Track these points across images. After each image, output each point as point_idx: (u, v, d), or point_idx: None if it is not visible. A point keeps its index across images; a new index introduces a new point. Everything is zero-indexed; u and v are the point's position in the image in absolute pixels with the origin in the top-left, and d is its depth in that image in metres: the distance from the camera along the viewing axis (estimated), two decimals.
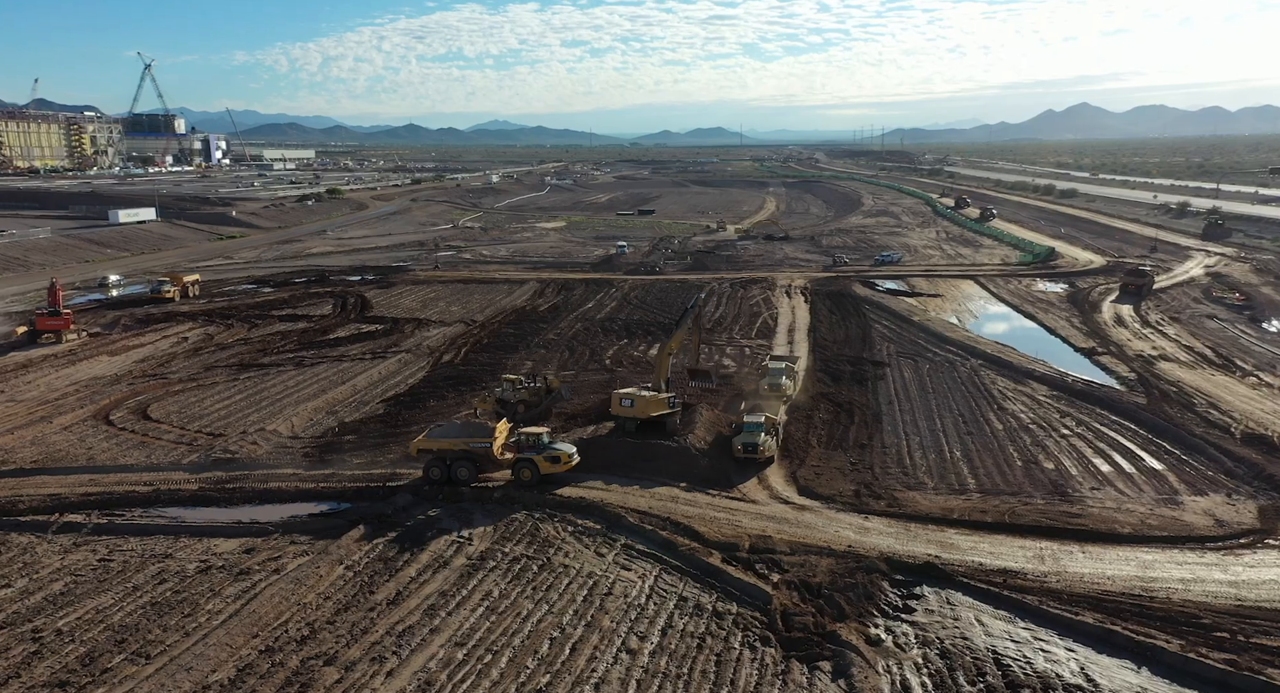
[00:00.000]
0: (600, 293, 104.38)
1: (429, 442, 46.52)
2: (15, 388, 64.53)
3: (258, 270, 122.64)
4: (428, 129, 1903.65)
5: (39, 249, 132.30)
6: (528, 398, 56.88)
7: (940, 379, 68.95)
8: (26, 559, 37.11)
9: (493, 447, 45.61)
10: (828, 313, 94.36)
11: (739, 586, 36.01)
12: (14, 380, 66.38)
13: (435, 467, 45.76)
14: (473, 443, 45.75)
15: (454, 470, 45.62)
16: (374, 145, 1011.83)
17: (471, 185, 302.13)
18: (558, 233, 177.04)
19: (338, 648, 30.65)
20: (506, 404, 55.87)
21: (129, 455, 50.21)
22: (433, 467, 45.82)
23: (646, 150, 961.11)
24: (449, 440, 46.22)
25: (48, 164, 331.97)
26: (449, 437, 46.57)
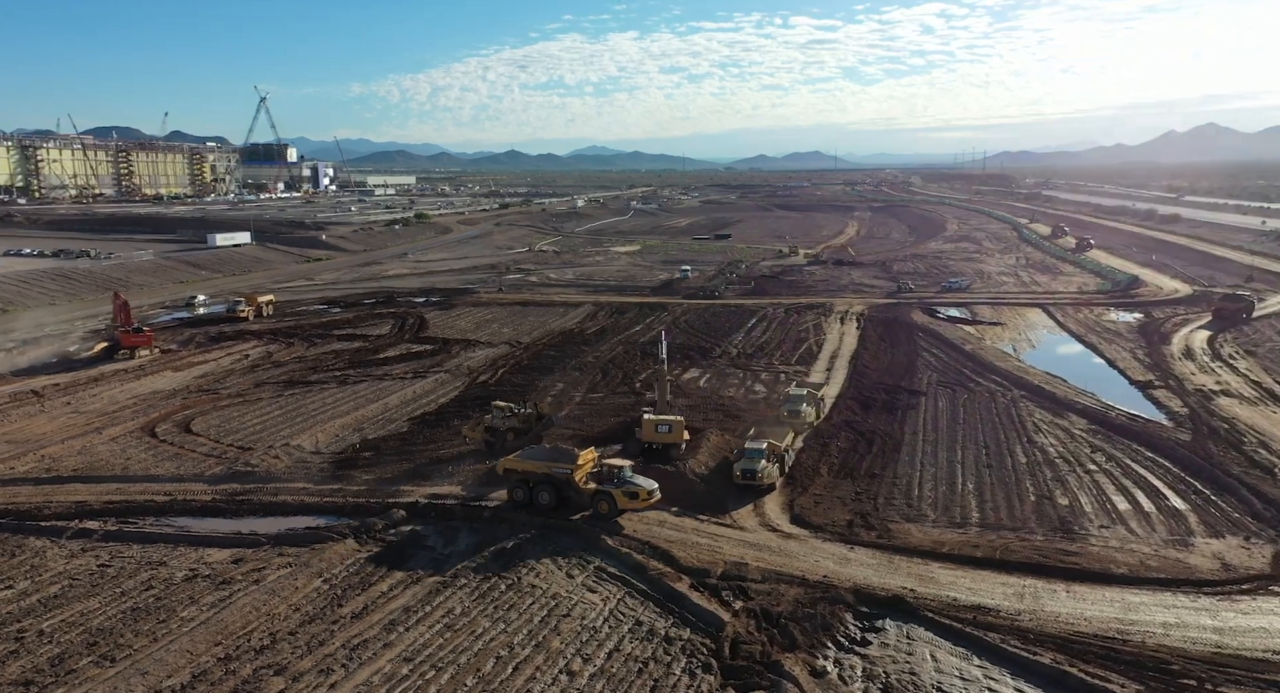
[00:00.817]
0: (651, 317, 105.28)
1: (516, 462, 46.66)
2: (81, 400, 69.22)
3: (332, 292, 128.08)
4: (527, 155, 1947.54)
5: (140, 271, 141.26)
6: (518, 425, 56.99)
7: (975, 410, 67.21)
8: (34, 562, 39.76)
9: (574, 474, 45.02)
10: (877, 340, 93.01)
11: (697, 612, 36.03)
12: (82, 393, 71.21)
13: (519, 489, 45.92)
14: (554, 469, 45.40)
15: (536, 495, 45.60)
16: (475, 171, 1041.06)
17: (556, 210, 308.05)
18: (629, 257, 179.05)
19: (291, 659, 31.94)
20: (496, 432, 56.07)
21: (160, 466, 53.32)
22: (516, 488, 46.00)
23: (739, 174, 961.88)
24: (534, 463, 46.11)
25: (171, 191, 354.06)
26: (535, 460, 46.52)
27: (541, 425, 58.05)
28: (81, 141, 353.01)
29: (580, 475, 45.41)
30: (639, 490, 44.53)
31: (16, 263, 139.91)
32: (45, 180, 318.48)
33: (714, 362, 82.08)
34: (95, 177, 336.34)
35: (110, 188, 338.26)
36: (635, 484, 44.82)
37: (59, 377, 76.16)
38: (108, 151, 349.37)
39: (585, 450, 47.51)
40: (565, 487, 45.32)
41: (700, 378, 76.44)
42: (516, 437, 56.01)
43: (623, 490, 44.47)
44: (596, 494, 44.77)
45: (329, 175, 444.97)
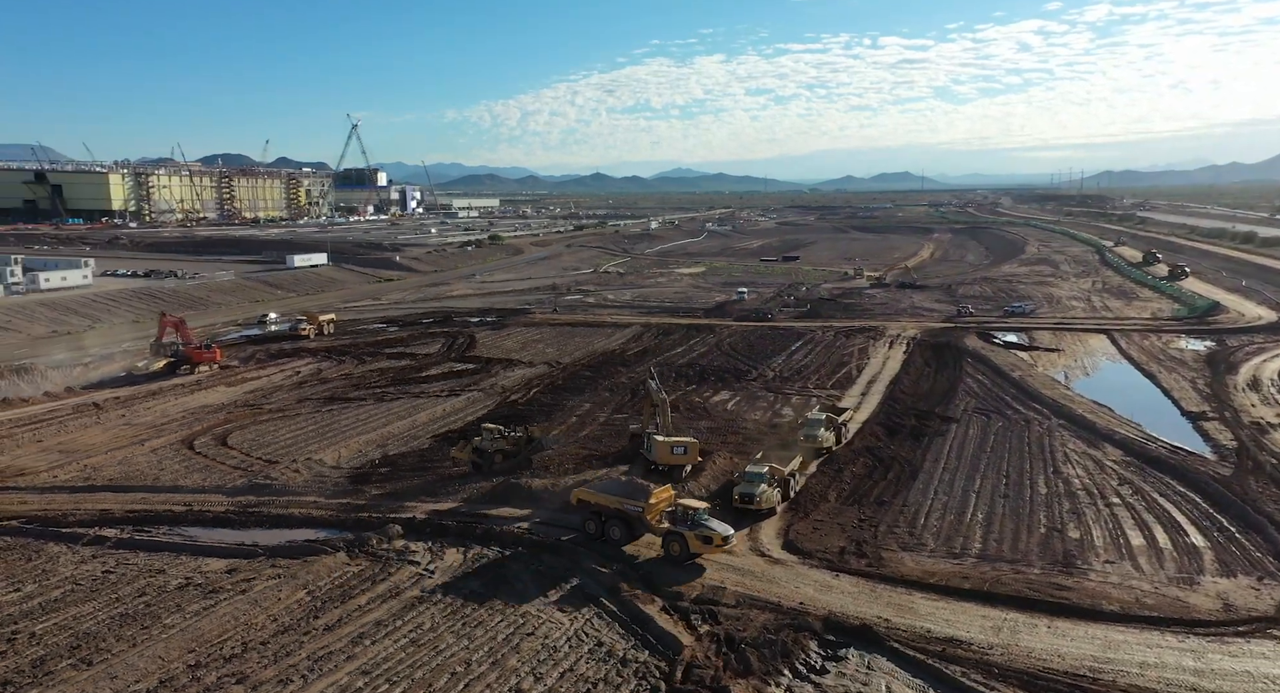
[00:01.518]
0: (696, 338, 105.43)
1: (589, 494, 45.64)
2: (135, 412, 73.10)
3: (395, 311, 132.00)
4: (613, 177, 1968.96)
5: (220, 290, 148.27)
6: (506, 447, 57.34)
7: (1006, 438, 65.44)
8: (46, 567, 42.09)
9: (646, 511, 43.66)
10: (922, 365, 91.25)
11: (659, 635, 36.09)
12: (138, 405, 75.21)
13: (591, 521, 44.87)
14: (626, 504, 44.11)
15: (608, 529, 44.49)
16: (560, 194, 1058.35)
17: (630, 232, 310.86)
18: (691, 279, 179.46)
19: (255, 668, 33.15)
20: (484, 453, 56.48)
21: (188, 478, 55.96)
22: (589, 521, 44.96)
23: (823, 196, 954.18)
24: (606, 496, 44.98)
25: (268, 215, 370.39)
26: (608, 493, 45.36)
27: (531, 448, 58.25)
28: (189, 168, 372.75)
29: (653, 513, 43.93)
30: (713, 535, 42.34)
31: (110, 283, 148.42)
32: (155, 205, 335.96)
33: (747, 384, 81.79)
34: (200, 201, 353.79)
35: (213, 212, 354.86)
36: (710, 528, 42.70)
37: (122, 390, 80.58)
38: (211, 178, 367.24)
39: (660, 487, 45.88)
40: (637, 524, 44.04)
41: (729, 400, 76.28)
42: (505, 458, 56.54)
43: (696, 534, 42.39)
44: (669, 535, 42.97)
45: (416, 198, 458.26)
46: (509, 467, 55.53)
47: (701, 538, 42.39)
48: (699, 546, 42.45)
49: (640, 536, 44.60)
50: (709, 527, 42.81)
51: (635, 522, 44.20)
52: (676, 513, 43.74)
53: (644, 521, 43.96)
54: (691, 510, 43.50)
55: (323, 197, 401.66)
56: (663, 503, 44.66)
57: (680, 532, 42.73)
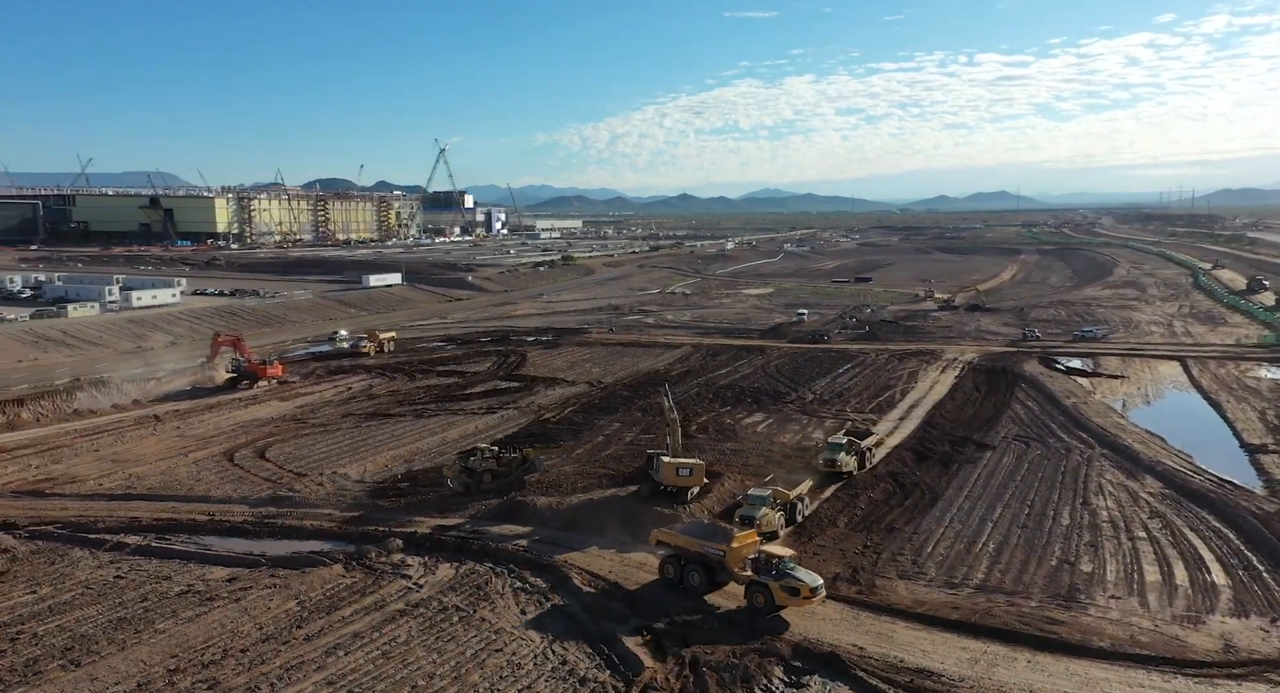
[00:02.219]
0: (744, 360, 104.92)
1: (668, 535, 43.17)
2: (190, 424, 76.80)
3: (456, 330, 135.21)
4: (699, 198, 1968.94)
5: (297, 308, 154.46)
6: (496, 467, 57.72)
7: (1040, 467, 63.32)
8: (65, 571, 44.43)
9: (727, 556, 40.82)
10: (971, 389, 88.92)
11: (624, 655, 36.16)
12: (194, 418, 78.97)
13: (670, 564, 42.37)
14: (707, 547, 41.36)
15: (687, 574, 41.82)
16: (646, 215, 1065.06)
17: (705, 252, 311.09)
18: (757, 299, 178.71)
19: (229, 675, 34.37)
20: (473, 473, 57.01)
21: (219, 488, 58.50)
22: (668, 564, 42.47)
23: (912, 216, 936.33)
24: (686, 538, 42.37)
25: (360, 236, 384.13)
26: (688, 535, 42.78)
27: (524, 470, 58.52)
28: (287, 192, 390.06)
29: (735, 559, 40.98)
30: (800, 586, 38.97)
31: (198, 301, 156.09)
32: (256, 227, 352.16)
33: (783, 407, 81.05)
34: (298, 223, 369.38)
35: (309, 234, 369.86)
36: (797, 578, 39.39)
37: (184, 403, 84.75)
38: (308, 201, 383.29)
39: (744, 531, 43.12)
40: (719, 569, 41.25)
41: (761, 422, 75.74)
42: (494, 479, 57.07)
43: (782, 584, 39.09)
44: (753, 585, 39.93)
45: (501, 220, 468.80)
46: (498, 487, 56.12)
47: (787, 589, 39.03)
48: (785, 597, 39.05)
49: (723, 583, 41.50)
50: (796, 577, 39.48)
51: (716, 567, 41.19)
52: (760, 560, 40.58)
53: (726, 566, 40.97)
54: (776, 559, 40.14)
55: (411, 219, 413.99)
56: (746, 548, 41.53)
57: (765, 582, 39.42)
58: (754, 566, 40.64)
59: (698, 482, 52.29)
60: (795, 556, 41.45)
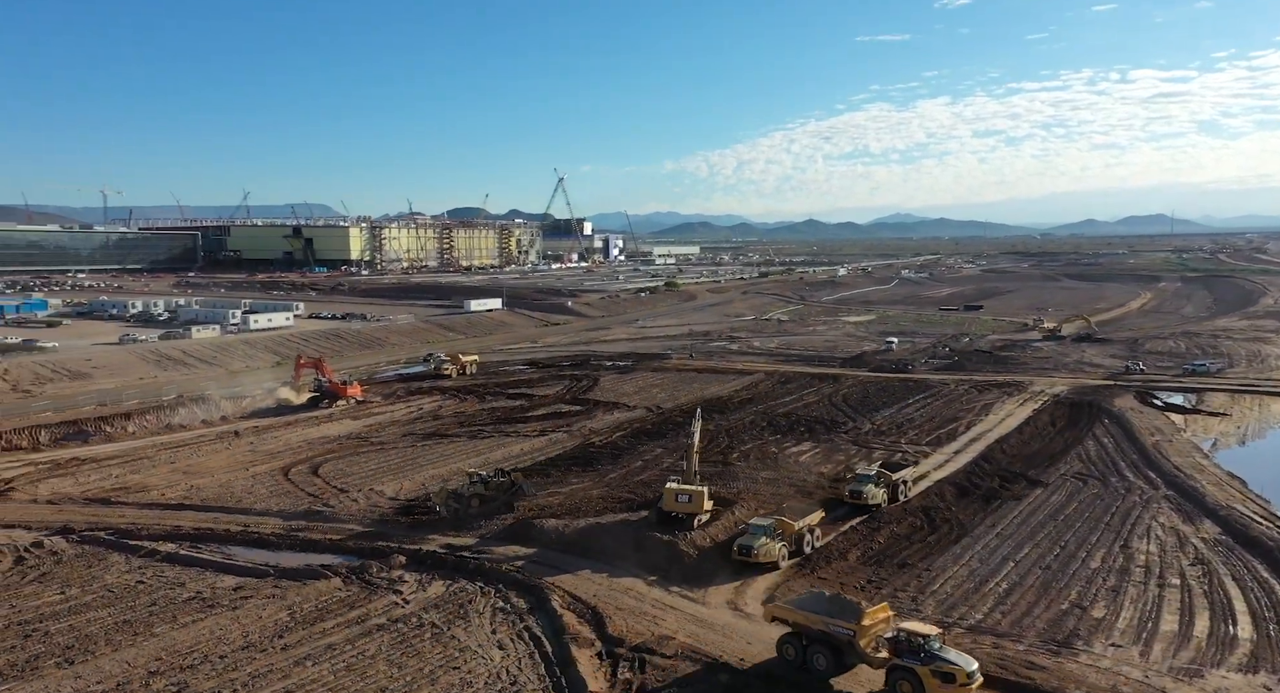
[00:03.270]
0: (813, 388, 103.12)
1: (785, 610, 38.21)
2: (264, 440, 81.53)
3: (542, 354, 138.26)
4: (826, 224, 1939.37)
5: (398, 332, 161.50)
6: (483, 492, 58.15)
7: (1089, 507, 59.95)
8: (96, 574, 47.72)
9: (858, 635, 35.85)
10: (1045, 424, 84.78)
11: (573, 679, 36.36)
12: (269, 434, 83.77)
13: (789, 644, 37.39)
14: (832, 625, 36.32)
15: (810, 656, 36.71)
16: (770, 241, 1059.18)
17: (815, 278, 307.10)
18: (854, 327, 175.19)
19: (199, 679, 36.22)
20: (460, 497, 57.65)
21: (264, 501, 61.81)
22: (786, 643, 37.52)
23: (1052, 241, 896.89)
24: (806, 615, 37.29)
25: (482, 263, 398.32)
26: (809, 610, 37.50)
27: (511, 494, 58.84)
28: (415, 221, 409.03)
29: (867, 638, 36.09)
30: (955, 671, 33.98)
31: (310, 324, 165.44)
32: (385, 255, 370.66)
33: (835, 437, 79.32)
34: (424, 251, 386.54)
35: (434, 260, 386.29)
36: (949, 661, 34.44)
37: (265, 420, 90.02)
38: (435, 229, 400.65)
39: (875, 606, 37.92)
40: (848, 651, 36.18)
41: (807, 452, 74.38)
42: (482, 503, 57.70)
43: (932, 669, 34.15)
44: (894, 670, 35.02)
45: (618, 246, 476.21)
46: (486, 511, 56.84)
47: (939, 675, 33.95)
48: (937, 686, 33.97)
49: (852, 666, 36.59)
50: (947, 659, 34.47)
51: (845, 648, 36.14)
52: (900, 640, 35.52)
53: (856, 648, 35.94)
54: (920, 638, 35.09)
55: (531, 245, 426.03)
56: (879, 625, 36.76)
57: (912, 667, 34.46)
58: (894, 646, 35.58)
59: (697, 509, 51.90)
60: (941, 634, 36.26)
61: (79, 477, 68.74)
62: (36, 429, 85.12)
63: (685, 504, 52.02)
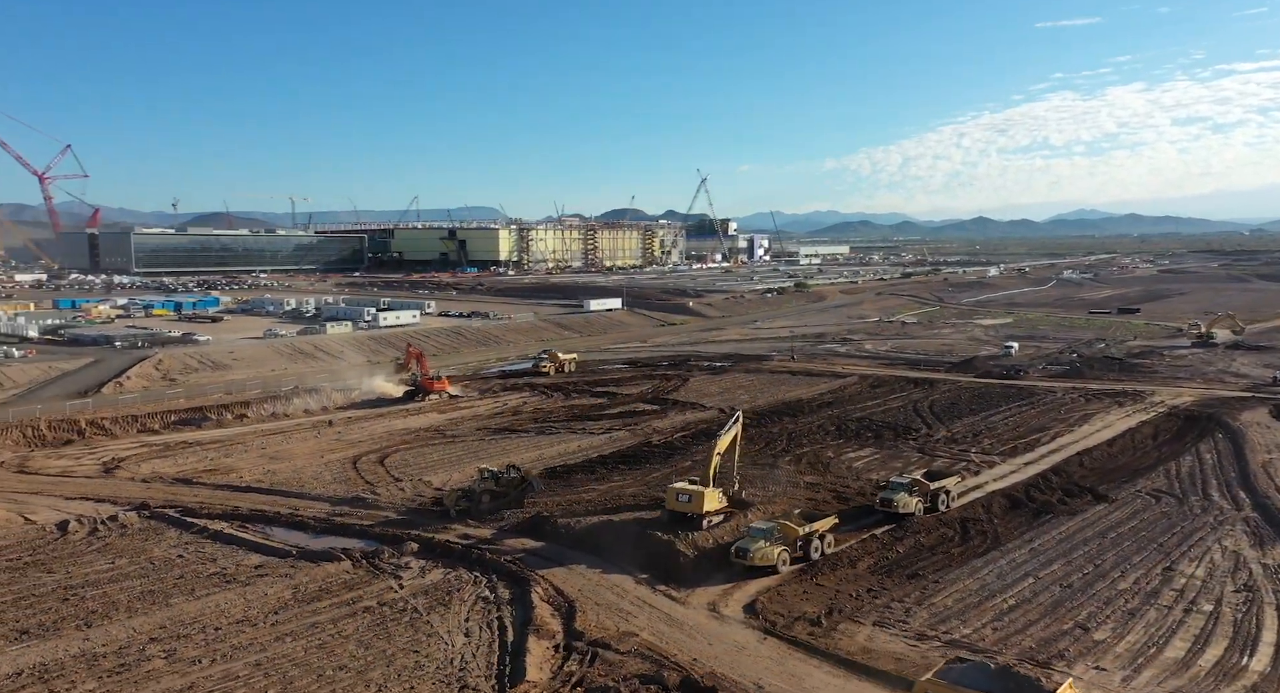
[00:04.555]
0: (903, 393, 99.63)
1: (941, 687, 29.85)
2: (351, 430, 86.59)
3: (646, 353, 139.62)
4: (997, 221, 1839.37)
5: (515, 330, 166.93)
6: (494, 488, 59.05)
7: (1150, 525, 55.86)
8: (146, 547, 52.10)
9: None
10: (1145, 437, 79.09)
11: (518, 667, 37.25)
12: (358, 424, 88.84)
13: None
14: None
15: None
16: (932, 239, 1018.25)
17: (962, 279, 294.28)
18: (983, 330, 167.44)
19: (188, 647, 39.09)
20: (472, 494, 58.61)
21: (324, 487, 65.53)
22: None
23: (1261, 238, 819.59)
24: None
25: (624, 263, 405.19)
26: (971, 686, 29.31)
27: (521, 491, 59.68)
28: (562, 223, 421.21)
29: None
30: None
31: (434, 321, 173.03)
32: (532, 256, 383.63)
33: (900, 443, 76.59)
34: (569, 251, 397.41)
35: (578, 261, 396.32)
36: None
37: (361, 411, 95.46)
38: (579, 231, 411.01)
39: (1064, 683, 29.50)
40: None
41: (865, 458, 72.27)
42: (493, 499, 58.77)
43: None
44: None
45: (763, 246, 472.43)
46: (496, 507, 58.02)
47: None
48: None
49: None
50: None
51: None
52: None
53: None
54: None
55: (673, 246, 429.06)
56: None
57: None
58: None
59: (696, 509, 51.52)
60: None
61: (178, 458, 75.44)
62: (167, 414, 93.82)
63: (685, 504, 51.84)
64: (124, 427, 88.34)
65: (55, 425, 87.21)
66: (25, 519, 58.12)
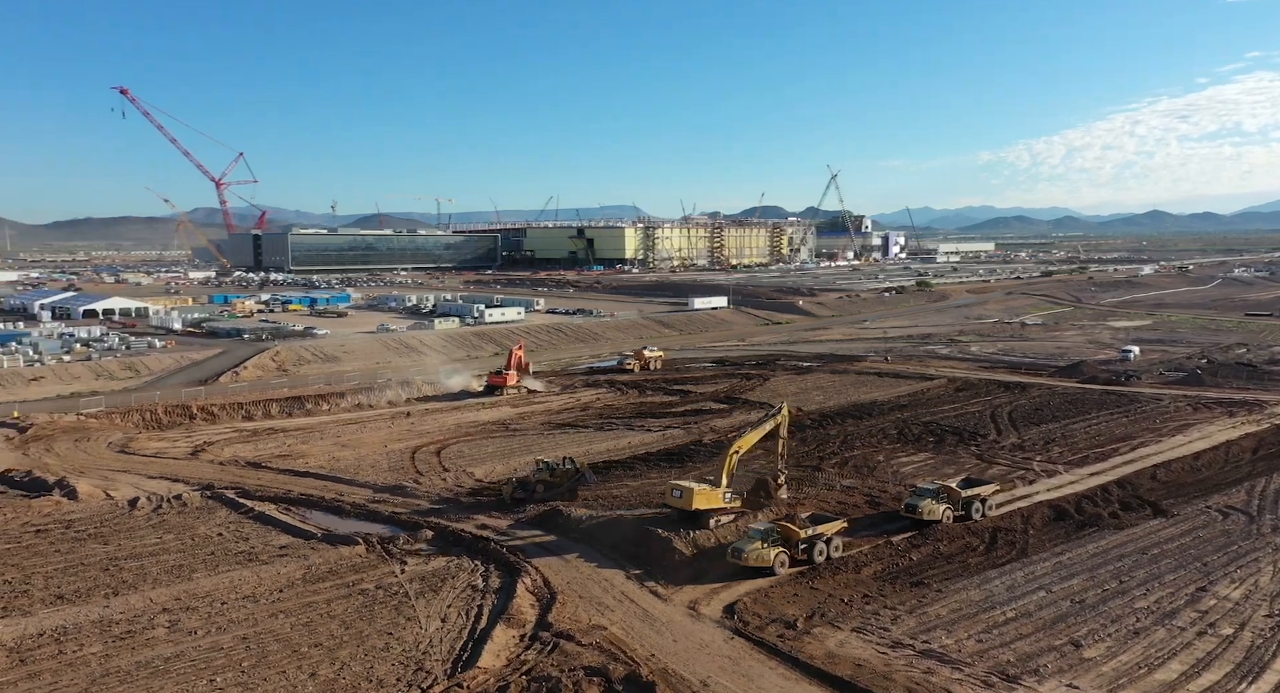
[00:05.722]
0: (987, 398, 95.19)
1: None
2: (424, 421, 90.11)
3: (738, 352, 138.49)
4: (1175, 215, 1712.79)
5: (615, 327, 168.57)
6: (549, 479, 60.18)
7: (1202, 543, 52.46)
8: (194, 525, 55.73)
9: None
10: (1241, 452, 73.61)
11: (474, 655, 38.14)
12: (432, 416, 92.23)
13: None
14: None
15: None
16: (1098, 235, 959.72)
17: (1110, 278, 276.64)
18: (1113, 332, 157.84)
19: (191, 619, 41.87)
20: (526, 485, 59.86)
21: (374, 475, 68.28)
22: None
23: None
24: None
25: (751, 261, 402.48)
26: None
27: (574, 482, 60.47)
28: (689, 221, 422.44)
29: None
30: None
31: (538, 318, 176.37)
32: (658, 254, 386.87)
33: (960, 450, 73.34)
34: (694, 250, 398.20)
35: (704, 259, 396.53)
36: None
37: (441, 404, 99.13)
38: (705, 229, 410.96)
39: None
40: None
41: (917, 463, 69.73)
42: (547, 490, 59.75)
43: None
44: None
45: (899, 244, 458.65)
46: (548, 497, 59.08)
47: None
48: None
49: None
50: None
51: None
52: None
53: None
54: None
55: (802, 243, 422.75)
56: None
57: None
58: None
59: (685, 505, 51.04)
60: None
61: (259, 444, 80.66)
62: (268, 403, 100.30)
63: (677, 500, 51.53)
64: (229, 413, 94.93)
65: (170, 410, 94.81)
66: (106, 495, 63.59)
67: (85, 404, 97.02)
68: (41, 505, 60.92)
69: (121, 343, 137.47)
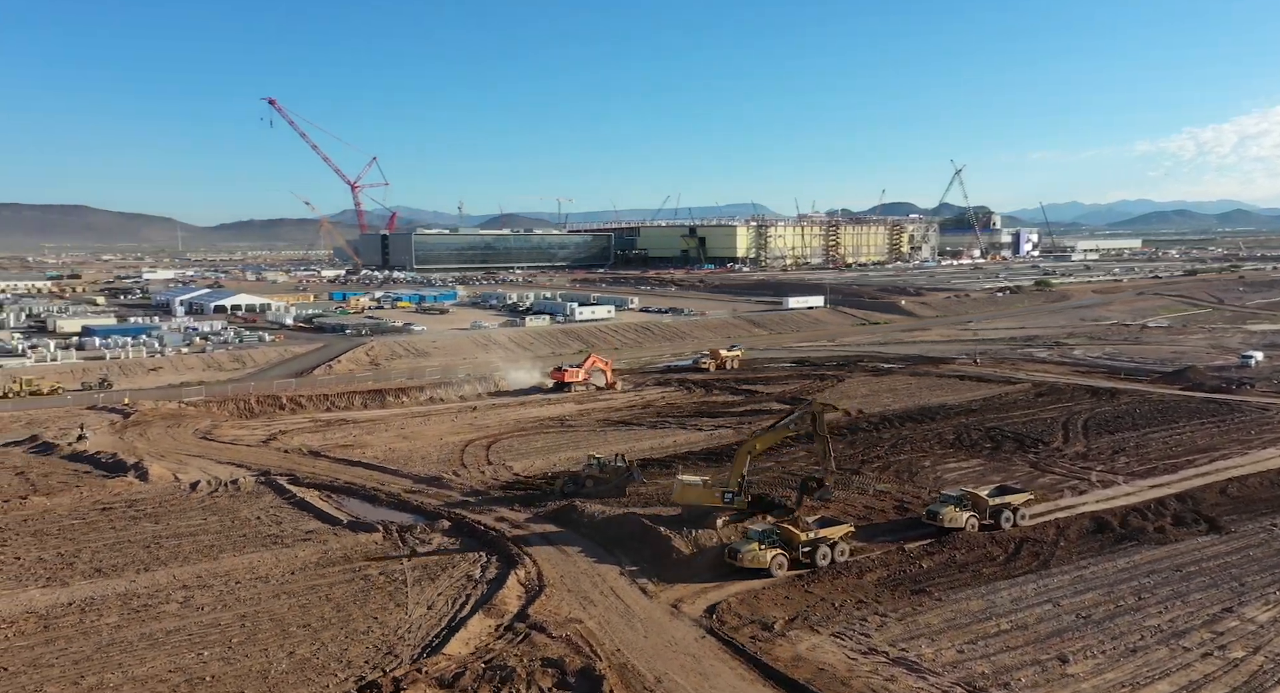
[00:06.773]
0: (1068, 404, 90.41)
1: None
2: (487, 416, 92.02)
3: (822, 352, 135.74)
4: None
5: (704, 326, 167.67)
6: (597, 475, 60.66)
7: (1248, 562, 49.22)
8: (239, 508, 58.77)
9: None
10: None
11: (444, 641, 39.09)
12: (495, 411, 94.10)
13: None
14: None
15: None
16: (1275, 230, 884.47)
17: (1265, 277, 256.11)
18: (1244, 337, 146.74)
19: (205, 596, 44.22)
20: (576, 480, 60.56)
21: (420, 467, 70.33)
22: None
23: None
24: None
25: (869, 259, 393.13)
26: None
27: (622, 479, 60.68)
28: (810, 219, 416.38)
29: None
30: None
31: (627, 317, 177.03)
32: (770, 252, 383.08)
33: (1017, 457, 69.88)
34: (808, 248, 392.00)
35: (818, 258, 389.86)
36: None
37: (509, 399, 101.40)
38: (821, 226, 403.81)
39: None
40: None
41: (964, 469, 66.92)
42: (596, 484, 60.23)
43: None
44: None
45: (1031, 241, 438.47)
46: (597, 493, 59.57)
47: None
48: None
49: None
50: None
51: None
52: None
53: None
54: None
55: (924, 241, 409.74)
56: None
57: None
58: None
59: (678, 499, 50.79)
60: None
61: (326, 433, 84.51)
62: (351, 395, 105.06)
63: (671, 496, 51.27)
64: (314, 403, 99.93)
65: (262, 400, 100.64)
66: (175, 478, 68.15)
67: (189, 393, 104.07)
68: (115, 486, 65.77)
69: (236, 336, 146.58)
